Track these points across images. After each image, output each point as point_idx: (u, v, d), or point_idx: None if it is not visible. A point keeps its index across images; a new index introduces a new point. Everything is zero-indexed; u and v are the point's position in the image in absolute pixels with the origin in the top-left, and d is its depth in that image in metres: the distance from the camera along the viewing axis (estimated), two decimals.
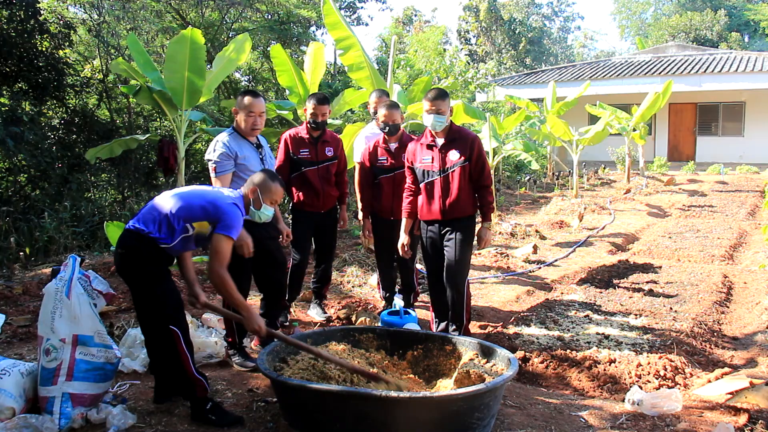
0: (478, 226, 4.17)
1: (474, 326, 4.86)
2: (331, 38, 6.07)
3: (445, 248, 4.04)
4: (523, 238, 8.24)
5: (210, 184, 3.65)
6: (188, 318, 3.34)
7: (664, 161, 17.74)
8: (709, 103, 19.55)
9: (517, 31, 34.82)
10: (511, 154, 12.19)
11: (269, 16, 16.09)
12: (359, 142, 5.02)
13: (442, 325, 4.22)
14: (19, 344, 4.16)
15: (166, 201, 2.95)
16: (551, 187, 14.88)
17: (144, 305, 2.95)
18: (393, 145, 4.53)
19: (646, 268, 6.43)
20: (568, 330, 4.37)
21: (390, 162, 4.53)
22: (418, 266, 5.32)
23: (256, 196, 3.15)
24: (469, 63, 19.61)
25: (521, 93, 18.23)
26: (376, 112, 4.65)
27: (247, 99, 3.71)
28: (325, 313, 4.77)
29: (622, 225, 9.70)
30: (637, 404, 3.12)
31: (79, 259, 3.10)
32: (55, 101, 10.22)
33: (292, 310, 4.82)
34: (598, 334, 4.26)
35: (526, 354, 3.94)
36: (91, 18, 12.66)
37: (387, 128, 4.48)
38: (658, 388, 3.41)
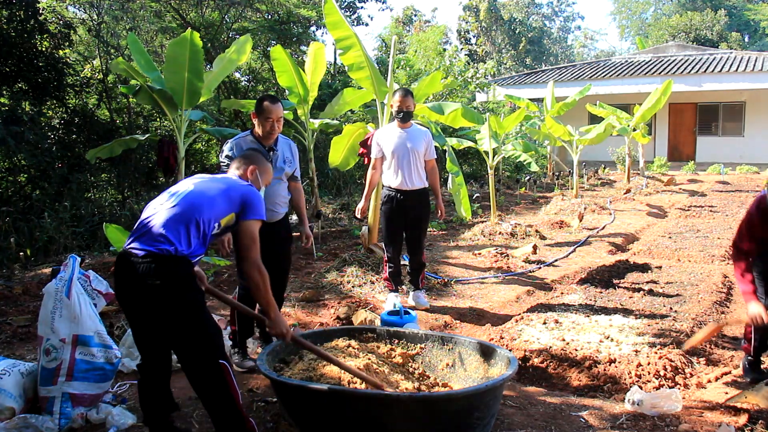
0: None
1: (474, 326, 4.87)
2: (332, 38, 6.02)
3: None
4: (523, 238, 8.23)
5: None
6: None
7: (664, 161, 17.76)
8: (709, 103, 19.56)
9: (517, 31, 34.88)
10: (511, 154, 12.18)
11: (269, 16, 16.08)
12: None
13: None
14: (19, 344, 4.16)
15: (185, 209, 2.54)
16: (551, 187, 14.88)
17: (186, 341, 2.52)
18: None
19: (646, 268, 6.42)
20: (568, 330, 4.37)
21: None
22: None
23: (255, 177, 2.88)
24: (469, 63, 19.58)
25: (521, 93, 18.22)
26: None
27: (265, 104, 3.67)
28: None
29: (622, 225, 9.69)
30: (637, 404, 3.11)
31: (79, 259, 3.10)
32: (55, 101, 10.23)
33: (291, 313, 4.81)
34: (598, 334, 4.26)
35: (526, 354, 3.94)
36: (91, 18, 12.69)
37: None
38: (658, 388, 3.41)
